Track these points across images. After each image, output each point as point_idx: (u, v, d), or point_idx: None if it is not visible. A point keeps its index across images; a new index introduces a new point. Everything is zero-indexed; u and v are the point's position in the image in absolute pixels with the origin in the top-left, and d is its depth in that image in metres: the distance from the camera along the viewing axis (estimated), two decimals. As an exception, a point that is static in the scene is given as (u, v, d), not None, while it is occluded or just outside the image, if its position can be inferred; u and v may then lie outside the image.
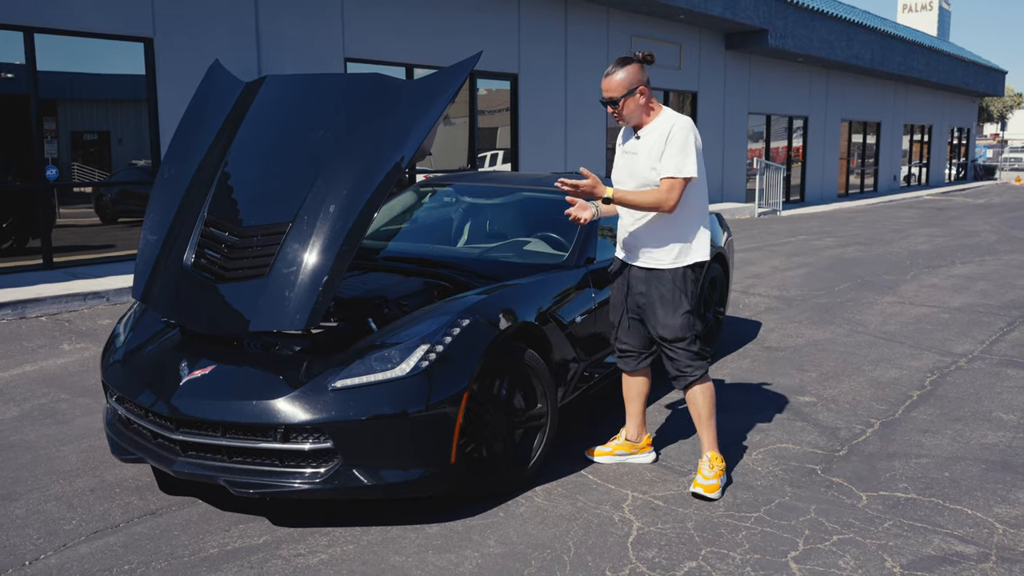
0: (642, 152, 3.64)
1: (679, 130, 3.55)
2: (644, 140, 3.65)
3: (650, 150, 3.60)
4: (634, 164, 3.67)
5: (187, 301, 3.61)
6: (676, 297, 3.68)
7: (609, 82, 3.59)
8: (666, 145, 3.55)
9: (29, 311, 7.21)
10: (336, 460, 3.25)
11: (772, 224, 16.80)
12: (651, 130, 3.64)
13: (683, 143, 3.53)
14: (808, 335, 6.78)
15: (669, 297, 3.68)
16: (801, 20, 20.18)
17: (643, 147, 3.64)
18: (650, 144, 3.61)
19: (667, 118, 3.63)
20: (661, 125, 3.62)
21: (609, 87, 3.59)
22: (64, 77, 9.48)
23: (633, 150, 3.69)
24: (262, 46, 10.51)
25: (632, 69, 3.58)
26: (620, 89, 3.57)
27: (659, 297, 3.70)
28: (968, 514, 3.54)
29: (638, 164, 3.64)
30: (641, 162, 3.63)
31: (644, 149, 3.63)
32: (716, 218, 6.37)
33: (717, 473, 3.74)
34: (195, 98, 4.12)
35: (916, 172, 32.83)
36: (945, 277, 9.88)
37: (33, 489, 3.75)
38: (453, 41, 12.69)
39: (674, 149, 3.54)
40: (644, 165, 3.62)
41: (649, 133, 3.64)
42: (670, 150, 3.54)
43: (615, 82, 3.58)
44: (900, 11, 38.89)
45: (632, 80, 3.58)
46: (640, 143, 3.66)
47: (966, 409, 4.92)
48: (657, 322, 3.72)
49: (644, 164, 3.62)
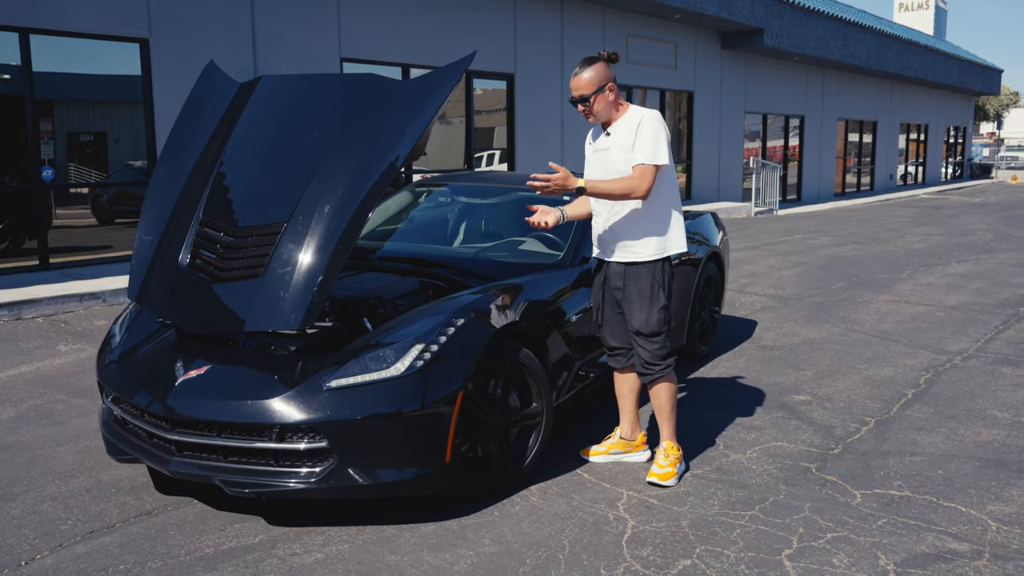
0: (614, 147, 3.71)
1: (649, 120, 3.65)
2: (615, 136, 3.72)
3: (622, 143, 3.68)
4: (606, 160, 3.74)
5: (182, 301, 3.61)
6: (654, 291, 3.74)
7: (578, 81, 3.66)
8: (636, 136, 3.63)
9: (25, 312, 7.21)
10: (331, 459, 3.26)
11: (768, 223, 16.82)
12: (621, 126, 3.72)
13: (654, 132, 3.62)
14: (804, 334, 6.80)
15: (647, 292, 3.73)
16: (797, 19, 20.20)
17: (614, 142, 3.72)
18: (621, 139, 3.69)
19: (636, 112, 3.72)
20: (630, 119, 3.70)
21: (579, 85, 3.66)
22: (60, 78, 9.48)
23: (604, 147, 3.77)
24: (258, 47, 10.51)
25: (599, 67, 3.66)
26: (590, 87, 3.64)
27: (637, 292, 3.74)
28: (962, 512, 3.55)
29: (611, 159, 3.72)
30: (613, 157, 3.70)
31: (616, 144, 3.71)
32: (711, 217, 6.39)
33: (672, 462, 3.83)
34: (190, 98, 4.13)
35: (912, 171, 32.88)
36: (941, 276, 9.91)
37: (29, 489, 3.75)
38: (450, 41, 12.70)
39: (645, 138, 3.63)
40: (617, 159, 3.69)
41: (619, 129, 3.72)
42: (641, 139, 3.63)
43: (584, 80, 3.65)
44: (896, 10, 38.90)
45: (600, 77, 3.65)
46: (611, 139, 3.74)
47: (960, 407, 4.93)
48: (634, 317, 3.76)
49: (617, 158, 3.69)
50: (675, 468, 3.82)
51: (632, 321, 3.78)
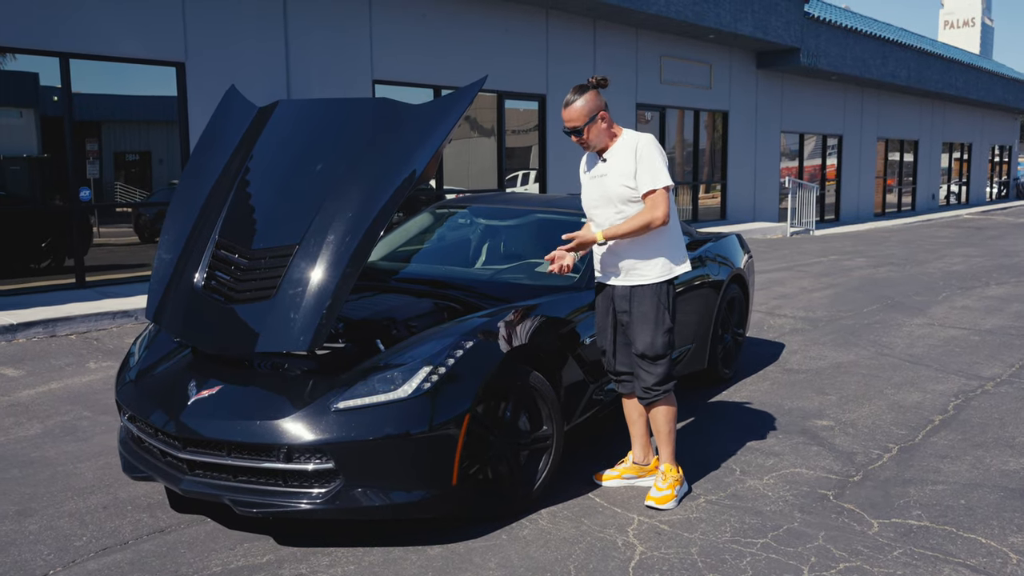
0: (611, 173, 3.72)
1: (645, 145, 3.66)
2: (611, 162, 3.73)
3: (619, 169, 3.69)
4: (604, 186, 3.74)
5: (197, 322, 3.66)
6: (659, 314, 3.73)
7: (570, 112, 3.67)
8: (636, 162, 3.64)
9: (59, 329, 7.37)
10: (338, 480, 3.27)
11: (804, 244, 16.62)
12: (616, 151, 3.73)
13: (652, 156, 3.64)
14: (831, 357, 6.69)
15: (652, 315, 3.72)
16: (834, 38, 20.03)
17: (611, 168, 3.73)
18: (618, 164, 3.70)
19: (630, 137, 3.73)
20: (626, 144, 3.71)
21: (571, 117, 3.67)
22: (104, 99, 9.74)
23: (602, 172, 3.77)
24: (291, 70, 10.69)
25: (590, 96, 3.67)
26: (582, 117, 3.66)
27: (642, 315, 3.73)
28: (982, 543, 3.45)
29: (608, 185, 3.72)
30: (611, 182, 3.71)
31: (612, 170, 3.72)
32: (736, 239, 6.33)
33: (671, 484, 3.80)
34: (211, 121, 4.22)
35: (956, 191, 32.31)
36: (978, 298, 9.70)
37: (48, 505, 3.82)
38: (481, 62, 12.80)
39: (645, 164, 3.64)
40: (615, 183, 3.69)
41: (614, 154, 3.73)
42: (642, 166, 3.64)
43: (576, 111, 3.66)
44: (942, 28, 38.53)
45: (592, 107, 3.66)
46: (608, 165, 3.74)
47: (989, 435, 4.81)
48: (639, 339, 3.74)
49: (615, 182, 3.69)
50: (674, 491, 3.79)
51: (636, 344, 3.75)
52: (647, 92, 16.45)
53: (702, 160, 18.73)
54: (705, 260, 5.60)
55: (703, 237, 5.94)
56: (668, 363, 3.78)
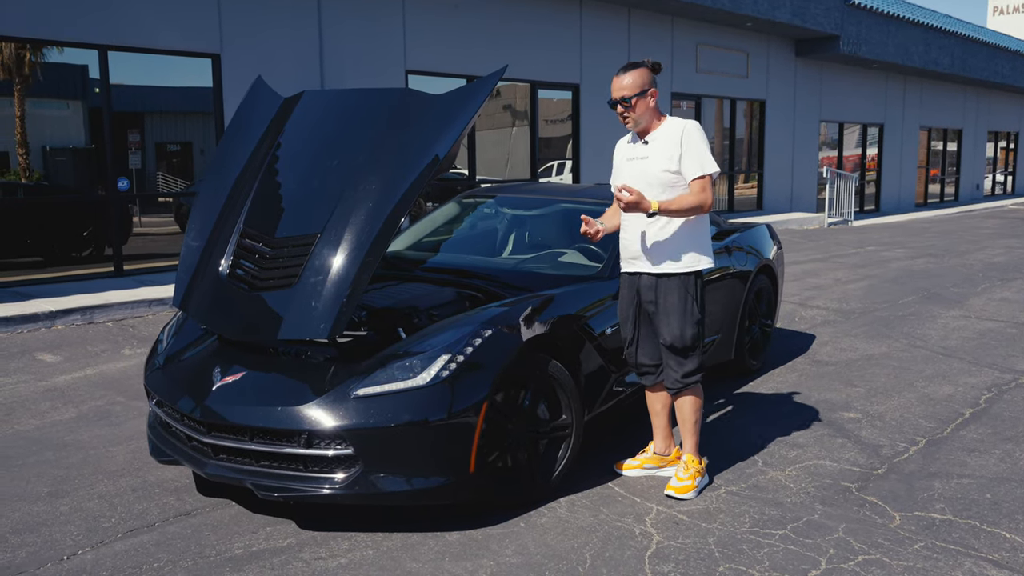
0: (653, 156, 3.67)
1: (691, 131, 3.64)
2: (653, 145, 3.69)
3: (663, 152, 3.65)
4: (646, 168, 3.70)
5: (222, 309, 3.73)
6: (688, 305, 3.70)
7: (620, 82, 3.65)
8: (682, 147, 3.61)
9: (97, 316, 7.53)
10: (357, 466, 3.31)
11: (841, 234, 16.39)
12: (660, 135, 3.69)
13: (699, 143, 3.62)
14: (862, 349, 6.61)
15: (681, 305, 3.70)
16: (875, 25, 19.67)
17: (653, 151, 3.68)
18: (661, 147, 3.66)
19: (676, 122, 3.70)
20: (671, 129, 3.68)
21: (621, 86, 3.64)
22: (143, 91, 9.92)
23: (643, 155, 3.72)
24: (325, 61, 10.77)
25: (642, 71, 3.65)
26: (633, 88, 3.63)
27: (670, 306, 3.70)
28: (1005, 537, 3.40)
29: (650, 168, 3.68)
30: (654, 165, 3.67)
31: (655, 153, 3.67)
32: (766, 229, 6.27)
33: (692, 475, 3.79)
34: (238, 112, 4.28)
35: (1001, 180, 31.59)
36: (1018, 290, 9.50)
37: (79, 487, 3.92)
38: (514, 52, 12.78)
39: (692, 150, 3.62)
40: (657, 167, 3.66)
41: (658, 138, 3.69)
42: (689, 152, 3.61)
43: (627, 82, 3.63)
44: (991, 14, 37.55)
45: (644, 81, 3.63)
46: (649, 148, 3.70)
47: (1020, 428, 4.72)
48: (669, 331, 3.72)
49: (657, 167, 3.66)
50: (695, 482, 3.78)
51: (664, 335, 3.74)
52: (683, 81, 16.30)
53: (739, 150, 18.54)
54: (732, 250, 5.56)
55: (731, 227, 5.89)
56: (699, 354, 3.76)
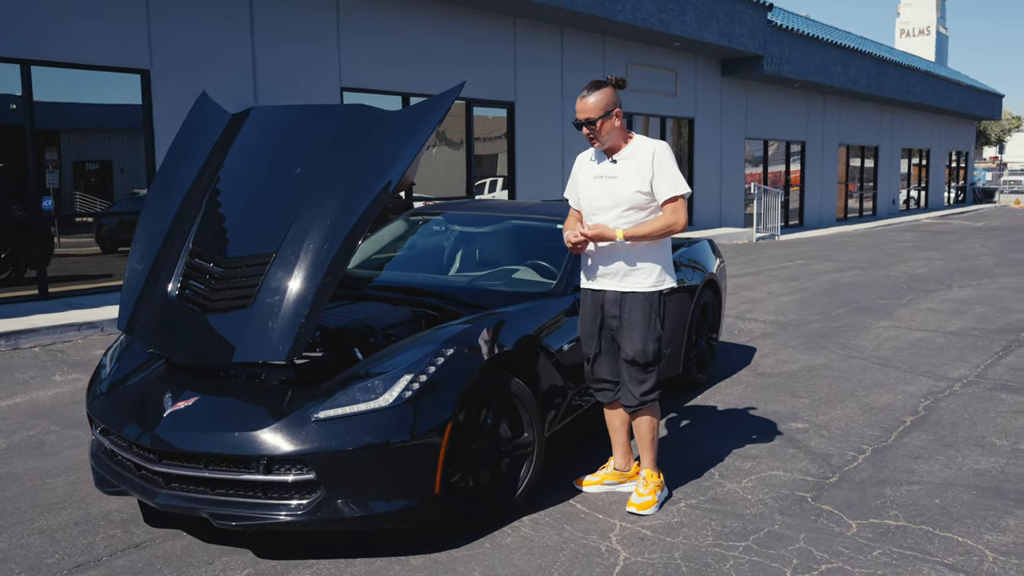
0: (623, 176, 3.67)
1: (663, 153, 3.65)
2: (623, 164, 3.69)
3: (635, 173, 3.65)
4: (613, 188, 3.69)
5: (171, 332, 3.60)
6: (652, 321, 3.71)
7: (584, 104, 3.63)
8: (654, 168, 3.62)
9: (23, 342, 7.21)
10: (319, 492, 3.22)
11: (770, 249, 16.81)
12: (630, 154, 3.69)
13: (670, 164, 3.64)
14: (803, 360, 6.76)
15: (645, 321, 3.70)
16: (797, 46, 20.33)
17: (622, 171, 3.68)
18: (632, 167, 3.66)
19: (645, 142, 3.71)
20: (641, 148, 3.68)
21: (585, 108, 3.63)
22: (64, 108, 9.57)
23: (611, 174, 3.72)
24: (258, 77, 10.59)
25: (607, 92, 3.65)
26: (597, 110, 3.62)
27: (635, 321, 3.71)
28: (959, 542, 3.50)
29: (619, 187, 3.68)
30: (624, 185, 3.66)
31: (626, 172, 3.67)
32: (708, 244, 6.38)
33: (652, 490, 3.80)
34: (182, 128, 4.15)
35: (915, 196, 32.90)
36: (942, 301, 9.87)
37: (17, 523, 3.72)
38: (450, 70, 12.79)
39: (664, 171, 3.63)
40: (628, 188, 3.65)
41: (627, 157, 3.69)
42: (661, 172, 3.62)
43: (591, 103, 3.62)
44: (898, 36, 39.26)
45: (608, 102, 3.63)
46: (618, 167, 3.70)
47: (959, 435, 4.88)
48: (631, 346, 3.72)
49: (628, 187, 3.65)
50: (655, 496, 3.79)
51: (627, 350, 3.74)
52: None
53: (668, 166, 18.84)
54: (679, 265, 5.62)
55: (676, 242, 5.96)
56: (656, 372, 3.78)
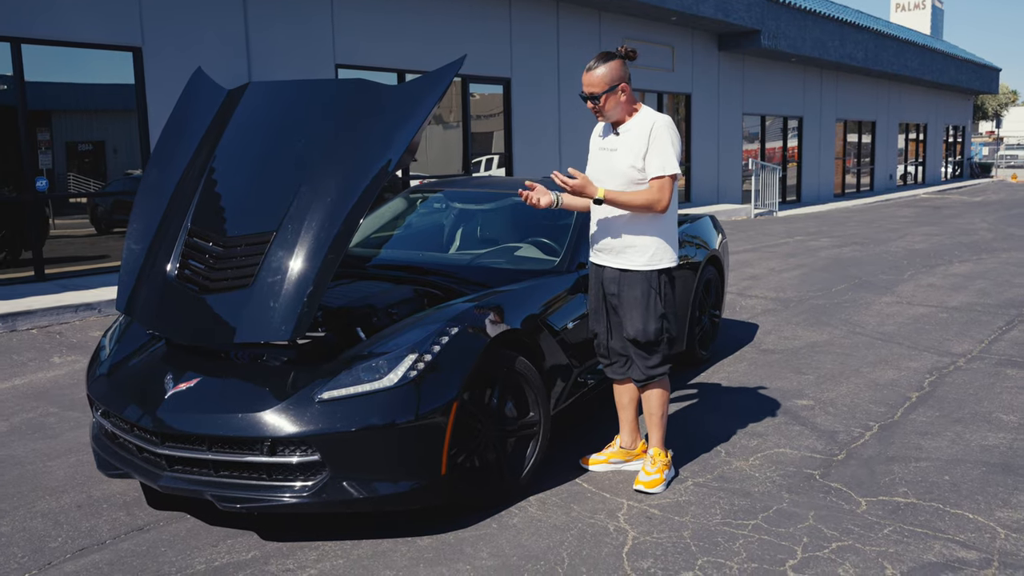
0: (622, 149, 3.60)
1: (660, 128, 3.54)
2: (624, 137, 3.61)
3: (631, 147, 3.58)
4: (612, 161, 3.63)
5: (171, 312, 3.54)
6: (651, 299, 3.64)
7: (590, 76, 3.55)
8: (649, 144, 3.53)
9: (20, 324, 7.15)
10: (324, 473, 3.18)
11: (769, 225, 16.75)
12: (631, 127, 3.61)
13: (667, 141, 3.53)
14: (805, 337, 6.73)
15: (643, 300, 3.64)
16: (793, 20, 20.17)
17: (623, 144, 3.61)
18: (630, 141, 3.59)
19: (647, 116, 3.61)
20: (641, 123, 3.59)
21: (590, 82, 3.55)
22: (56, 88, 9.43)
23: (612, 147, 3.65)
24: (252, 54, 10.46)
25: (614, 65, 3.55)
26: (602, 85, 3.53)
27: (633, 300, 3.65)
28: (969, 519, 3.48)
29: (617, 161, 3.61)
30: (621, 159, 3.60)
31: (624, 146, 3.60)
32: (710, 220, 6.32)
33: (660, 468, 3.77)
34: (178, 105, 4.07)
35: (912, 171, 32.82)
36: (943, 276, 9.83)
37: (19, 506, 3.68)
38: (445, 46, 12.65)
39: (657, 148, 3.53)
40: (624, 162, 3.58)
41: (629, 130, 3.61)
42: (653, 149, 3.53)
43: (596, 77, 3.54)
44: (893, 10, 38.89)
45: (614, 76, 3.54)
46: (620, 140, 3.63)
47: (966, 410, 4.86)
48: (632, 326, 3.67)
49: (624, 161, 3.58)
50: (663, 475, 3.76)
51: (627, 329, 3.69)
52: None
53: (666, 143, 18.73)
54: (682, 242, 5.57)
55: (680, 219, 5.90)
56: (664, 346, 3.72)
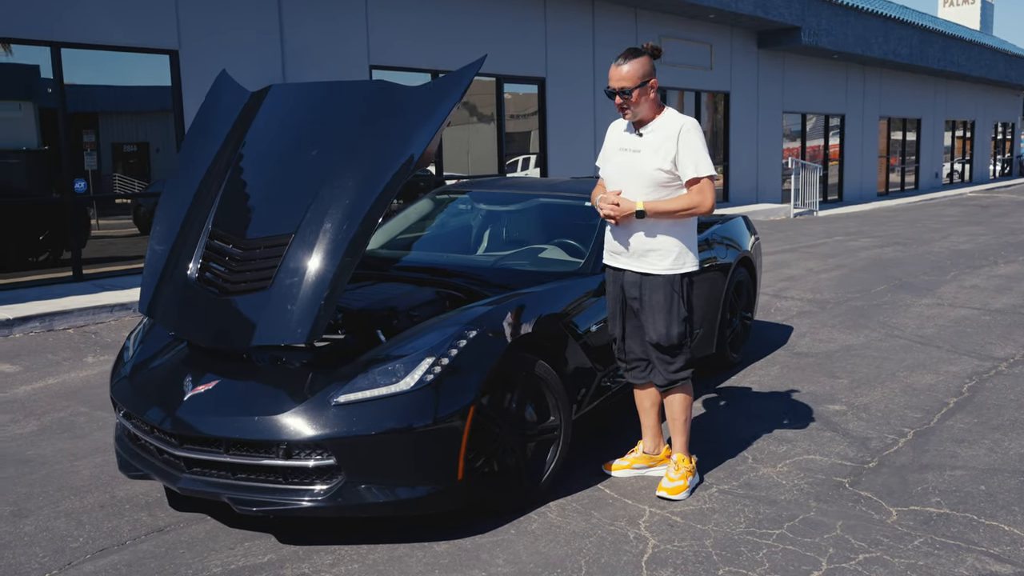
0: (646, 150, 3.52)
1: (689, 130, 3.47)
2: (648, 138, 3.53)
3: (657, 149, 3.49)
4: (635, 162, 3.54)
5: (192, 315, 3.55)
6: (674, 303, 3.57)
7: (620, 71, 3.47)
8: (679, 146, 3.45)
9: (57, 323, 7.27)
10: (340, 477, 3.17)
11: (808, 225, 16.48)
12: (656, 128, 3.53)
13: (697, 143, 3.47)
14: (841, 340, 6.58)
15: (665, 304, 3.56)
16: (835, 17, 19.81)
17: (647, 145, 3.52)
18: (656, 143, 3.50)
19: (674, 118, 3.53)
20: (668, 124, 3.51)
21: (620, 76, 3.47)
22: (97, 90, 9.59)
23: (635, 147, 3.57)
24: (286, 56, 10.54)
25: (643, 61, 3.48)
26: (633, 79, 3.46)
27: (656, 304, 3.57)
28: (1004, 530, 3.35)
29: (641, 163, 3.53)
30: (645, 161, 3.51)
31: (649, 147, 3.51)
32: (743, 220, 6.21)
33: (684, 475, 3.69)
34: (202, 108, 4.08)
35: (959, 169, 32.11)
36: (987, 277, 9.57)
37: (44, 505, 3.72)
38: (479, 46, 12.62)
39: (690, 150, 3.46)
40: (649, 164, 3.50)
41: (654, 131, 3.53)
42: (686, 152, 3.46)
43: (626, 72, 3.46)
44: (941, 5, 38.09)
45: (644, 71, 3.47)
46: (643, 141, 3.54)
47: (1006, 417, 4.70)
48: (655, 330, 3.60)
49: (649, 163, 3.50)
50: (686, 482, 3.68)
51: (650, 333, 3.62)
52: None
53: (704, 142, 18.53)
54: (712, 243, 5.48)
55: (709, 219, 5.81)
56: (686, 351, 3.65)
